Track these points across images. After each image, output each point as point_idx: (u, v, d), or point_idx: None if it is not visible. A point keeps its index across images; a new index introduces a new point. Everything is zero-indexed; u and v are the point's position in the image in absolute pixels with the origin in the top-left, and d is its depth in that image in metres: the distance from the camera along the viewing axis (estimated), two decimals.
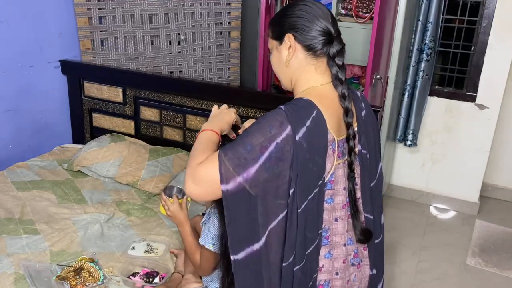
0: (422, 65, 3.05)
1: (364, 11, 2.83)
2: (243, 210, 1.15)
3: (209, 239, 1.54)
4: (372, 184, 1.37)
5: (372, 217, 1.36)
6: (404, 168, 3.44)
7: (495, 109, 3.09)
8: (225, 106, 1.47)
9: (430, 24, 2.94)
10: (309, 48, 1.25)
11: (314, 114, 1.18)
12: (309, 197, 1.19)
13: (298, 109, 1.17)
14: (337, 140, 1.22)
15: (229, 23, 3.19)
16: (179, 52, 3.10)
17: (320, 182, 1.21)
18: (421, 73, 3.06)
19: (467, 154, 3.24)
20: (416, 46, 2.99)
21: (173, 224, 2.13)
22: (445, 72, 3.32)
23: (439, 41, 3.13)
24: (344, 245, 1.29)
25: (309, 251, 1.23)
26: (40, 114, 2.87)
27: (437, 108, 3.24)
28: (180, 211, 1.67)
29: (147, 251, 1.92)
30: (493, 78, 3.05)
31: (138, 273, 1.78)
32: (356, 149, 1.28)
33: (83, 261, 1.80)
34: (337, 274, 1.29)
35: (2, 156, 2.68)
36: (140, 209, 2.26)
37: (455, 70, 3.24)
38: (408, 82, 3.08)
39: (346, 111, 1.23)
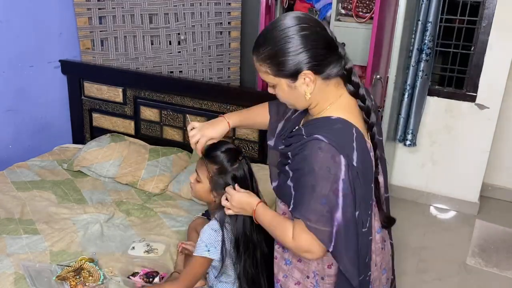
0: (422, 65, 3.04)
1: (364, 11, 2.82)
2: (351, 242, 1.20)
3: (203, 247, 1.54)
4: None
5: (388, 195, 1.42)
6: (404, 168, 3.44)
7: (495, 109, 3.09)
8: (235, 195, 1.42)
9: (429, 24, 2.94)
10: (328, 75, 1.20)
11: (354, 133, 1.17)
12: (369, 212, 1.24)
13: (338, 133, 1.16)
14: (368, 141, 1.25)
15: (229, 23, 3.18)
16: (179, 52, 3.09)
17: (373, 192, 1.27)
18: (420, 73, 3.06)
19: (467, 154, 3.24)
20: (416, 46, 2.99)
21: (173, 224, 2.13)
22: (445, 72, 3.32)
23: (439, 41, 3.13)
24: (377, 232, 1.36)
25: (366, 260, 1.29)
26: (40, 114, 2.87)
27: (437, 108, 3.24)
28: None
29: (147, 251, 1.92)
30: (493, 78, 3.04)
31: (138, 273, 1.78)
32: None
33: (83, 261, 1.79)
34: (375, 265, 1.35)
35: (2, 156, 2.67)
36: (140, 209, 2.26)
37: (455, 70, 3.24)
38: (408, 82, 3.08)
39: (368, 114, 1.24)
